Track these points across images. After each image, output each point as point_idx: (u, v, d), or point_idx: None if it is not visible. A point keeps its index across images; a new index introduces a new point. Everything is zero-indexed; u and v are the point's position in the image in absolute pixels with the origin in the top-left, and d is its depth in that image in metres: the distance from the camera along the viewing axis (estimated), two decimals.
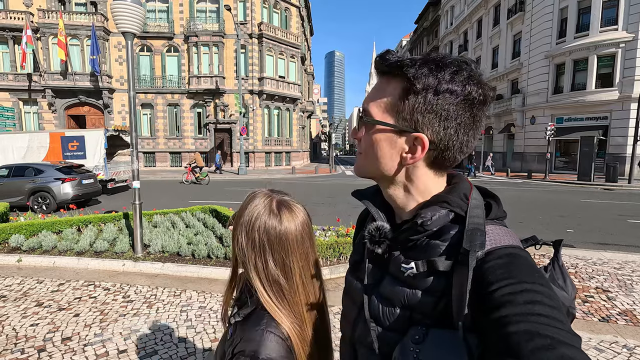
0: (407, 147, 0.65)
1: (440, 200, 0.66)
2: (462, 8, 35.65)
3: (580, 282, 4.57)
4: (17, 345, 3.06)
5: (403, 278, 0.65)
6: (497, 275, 0.53)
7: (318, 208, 10.26)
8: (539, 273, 0.54)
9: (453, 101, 0.60)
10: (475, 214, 0.63)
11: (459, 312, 0.56)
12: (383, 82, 0.67)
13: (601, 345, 3.09)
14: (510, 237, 0.62)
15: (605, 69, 20.82)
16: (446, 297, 0.60)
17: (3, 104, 23.35)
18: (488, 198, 0.71)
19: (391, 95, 0.64)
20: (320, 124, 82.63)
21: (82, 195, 10.64)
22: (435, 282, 0.61)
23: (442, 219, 0.64)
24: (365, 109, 0.68)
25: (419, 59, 0.62)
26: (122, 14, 4.74)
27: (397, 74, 0.64)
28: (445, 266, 0.60)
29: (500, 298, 0.50)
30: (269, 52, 26.86)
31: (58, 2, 24.79)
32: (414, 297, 0.63)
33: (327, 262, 5.01)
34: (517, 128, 26.20)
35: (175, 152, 27.16)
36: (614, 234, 7.38)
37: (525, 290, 0.50)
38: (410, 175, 0.68)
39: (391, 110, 0.65)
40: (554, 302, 0.49)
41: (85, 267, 5.13)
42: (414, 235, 0.65)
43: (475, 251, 0.57)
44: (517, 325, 0.46)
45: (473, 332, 0.53)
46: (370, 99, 0.68)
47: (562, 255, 3.62)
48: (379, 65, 0.67)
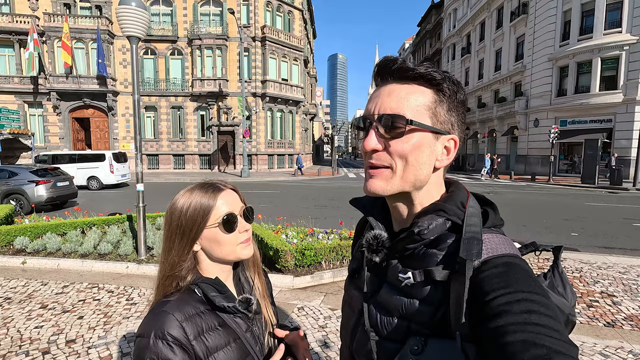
0: (441, 150, 0.67)
1: (437, 208, 0.66)
2: (465, 11, 35.64)
3: (585, 287, 4.54)
4: (22, 348, 3.07)
5: (401, 287, 0.65)
6: (494, 284, 0.54)
7: (321, 211, 10.26)
8: (536, 282, 0.54)
9: (464, 105, 0.68)
10: (472, 223, 0.63)
11: (456, 322, 0.56)
12: (408, 88, 0.65)
13: (606, 350, 3.06)
14: (507, 245, 0.62)
15: (609, 71, 20.72)
16: (444, 307, 0.60)
17: (8, 106, 23.56)
18: (485, 206, 0.71)
19: (425, 100, 0.64)
20: (323, 126, 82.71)
21: (56, 198, 10.73)
22: (432, 292, 0.61)
23: (439, 228, 0.64)
24: (397, 115, 0.63)
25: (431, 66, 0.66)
26: (127, 18, 4.77)
27: (426, 81, 0.64)
28: (442, 276, 0.60)
29: (496, 307, 0.50)
30: (272, 55, 26.97)
31: (63, 6, 25.05)
32: (412, 307, 0.63)
33: (330, 265, 5.01)
34: (521, 131, 26.08)
35: (179, 155, 27.27)
36: (619, 238, 7.32)
37: (522, 300, 0.50)
38: (430, 181, 0.68)
39: (428, 115, 0.64)
40: (551, 311, 0.49)
41: (89, 270, 5.15)
42: (411, 244, 0.65)
43: (472, 260, 0.57)
44: (513, 335, 0.46)
45: (471, 342, 0.53)
46: (398, 104, 0.63)
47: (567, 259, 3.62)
48: (405, 72, 0.64)
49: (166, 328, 0.79)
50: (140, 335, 0.80)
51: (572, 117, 22.33)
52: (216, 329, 0.87)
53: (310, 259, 4.85)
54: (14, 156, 15.63)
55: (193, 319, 0.83)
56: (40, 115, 25.56)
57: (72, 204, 11.73)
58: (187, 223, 0.88)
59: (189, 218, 0.88)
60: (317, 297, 4.23)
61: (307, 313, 3.81)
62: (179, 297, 0.86)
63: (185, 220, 0.88)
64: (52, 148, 23.79)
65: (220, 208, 0.90)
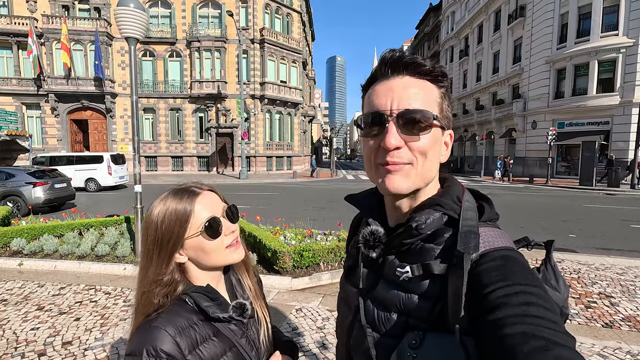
0: (444, 145, 0.69)
1: (433, 203, 0.66)
2: (463, 14, 35.83)
3: (583, 288, 4.54)
4: (18, 350, 3.05)
5: (398, 282, 0.65)
6: (492, 277, 0.54)
7: (319, 212, 10.25)
8: (533, 275, 0.55)
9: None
10: (468, 217, 0.63)
11: (454, 315, 0.56)
12: (423, 83, 0.65)
13: (604, 351, 3.06)
14: (503, 238, 0.63)
15: (606, 74, 20.84)
16: (442, 301, 0.60)
17: (6, 108, 23.52)
18: (480, 200, 0.71)
19: (435, 95, 0.65)
20: (322, 128, 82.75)
21: (54, 200, 10.72)
22: (430, 286, 0.61)
23: (436, 222, 0.65)
24: (424, 111, 0.62)
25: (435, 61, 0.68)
26: (126, 19, 4.78)
27: (433, 76, 0.65)
28: (441, 269, 0.60)
29: (495, 300, 0.50)
30: (271, 57, 27.01)
31: (62, 8, 25.05)
32: (410, 301, 0.63)
33: (328, 266, 5.00)
34: (519, 133, 26.18)
35: (177, 157, 27.22)
36: (616, 239, 7.34)
37: (520, 292, 0.50)
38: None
39: (438, 110, 0.65)
40: (548, 303, 0.49)
41: (86, 271, 5.13)
42: (408, 239, 0.65)
43: (470, 253, 0.57)
44: (512, 327, 0.46)
45: (469, 335, 0.53)
46: (420, 99, 0.63)
47: (565, 260, 3.63)
48: (420, 67, 0.64)
49: (159, 344, 0.74)
50: (131, 354, 0.74)
51: (570, 119, 22.43)
52: (211, 339, 0.83)
53: (308, 260, 4.84)
54: (12, 158, 15.64)
55: (186, 331, 0.79)
56: (38, 117, 25.49)
57: (70, 205, 11.70)
58: (164, 235, 0.82)
59: (165, 230, 0.82)
60: (315, 299, 4.22)
61: (305, 314, 3.80)
62: (170, 309, 0.81)
63: (161, 233, 0.82)
64: (50, 150, 23.68)
65: (200, 214, 0.83)
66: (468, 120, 33.68)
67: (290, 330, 3.44)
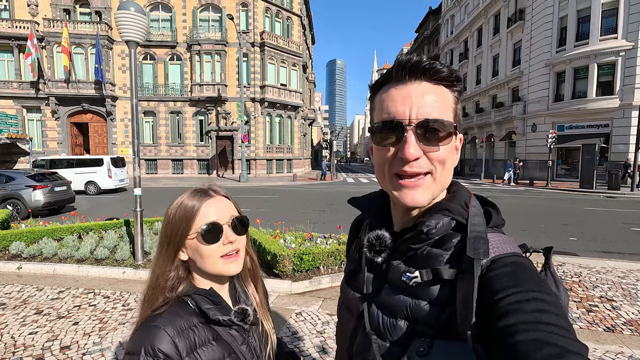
0: (454, 149, 0.68)
1: (442, 207, 0.66)
2: (462, 17, 35.97)
3: (585, 291, 4.52)
4: (16, 354, 3.03)
5: (405, 287, 0.64)
6: (503, 283, 0.53)
7: (319, 215, 10.24)
8: (544, 282, 0.54)
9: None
10: (476, 222, 0.63)
11: (464, 321, 0.55)
12: (440, 90, 0.63)
13: (607, 355, 3.04)
14: (511, 244, 0.62)
15: (605, 77, 20.88)
16: (450, 307, 0.59)
17: (7, 111, 23.54)
18: (486, 206, 0.71)
19: (451, 101, 0.65)
20: (322, 131, 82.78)
21: (54, 203, 10.69)
22: (438, 292, 0.61)
23: (445, 227, 0.64)
24: (446, 121, 0.62)
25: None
26: (126, 23, 4.79)
27: (449, 82, 0.64)
28: (450, 275, 0.60)
29: (507, 306, 0.50)
30: (271, 61, 27.09)
31: (63, 12, 25.15)
32: (417, 307, 0.62)
33: (328, 270, 4.97)
34: (518, 136, 26.19)
35: (177, 160, 27.22)
36: (617, 242, 7.32)
37: (533, 299, 0.50)
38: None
39: (453, 116, 0.65)
40: (561, 310, 0.49)
41: (85, 275, 5.11)
42: (416, 244, 0.64)
43: (480, 259, 0.57)
44: (525, 333, 0.45)
45: (479, 342, 0.53)
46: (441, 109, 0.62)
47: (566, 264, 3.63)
48: (438, 73, 0.62)
49: (157, 344, 0.74)
50: (129, 353, 0.75)
51: (570, 122, 22.45)
52: (210, 343, 0.82)
53: (308, 263, 4.82)
54: (12, 161, 15.66)
55: (186, 333, 0.79)
56: (39, 120, 25.51)
57: (70, 208, 11.69)
58: (172, 230, 0.84)
59: (173, 225, 0.84)
60: (315, 303, 4.20)
61: (305, 318, 3.78)
62: (171, 309, 0.81)
63: (171, 227, 0.84)
64: (50, 153, 23.69)
65: (204, 216, 0.84)
66: (468, 123, 33.69)
67: (290, 334, 3.42)
